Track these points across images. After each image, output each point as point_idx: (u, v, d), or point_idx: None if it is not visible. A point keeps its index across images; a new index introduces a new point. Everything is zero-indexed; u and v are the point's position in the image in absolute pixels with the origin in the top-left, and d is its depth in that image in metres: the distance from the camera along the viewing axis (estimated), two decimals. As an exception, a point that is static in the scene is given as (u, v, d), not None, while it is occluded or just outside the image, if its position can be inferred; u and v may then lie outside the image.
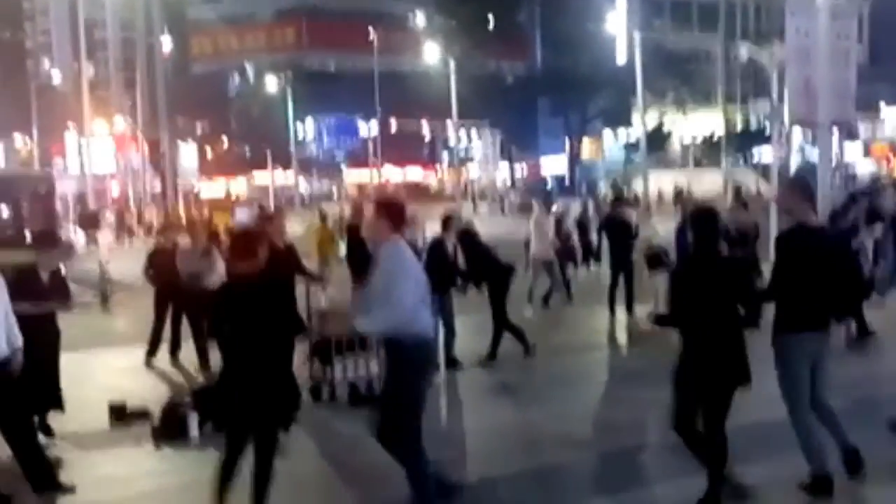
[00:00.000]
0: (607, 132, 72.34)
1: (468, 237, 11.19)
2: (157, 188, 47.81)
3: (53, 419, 7.89)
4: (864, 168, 58.61)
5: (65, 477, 6.64)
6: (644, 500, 6.03)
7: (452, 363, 10.51)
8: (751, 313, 5.74)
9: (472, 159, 67.50)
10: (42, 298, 7.56)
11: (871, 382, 8.89)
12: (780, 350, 5.84)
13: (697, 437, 5.66)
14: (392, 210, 5.74)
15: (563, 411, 8.51)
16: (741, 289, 5.74)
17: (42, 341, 7.40)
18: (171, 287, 10.88)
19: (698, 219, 5.83)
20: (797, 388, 5.83)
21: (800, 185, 6.38)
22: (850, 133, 31.41)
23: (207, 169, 64.57)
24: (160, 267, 11.12)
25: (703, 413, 5.62)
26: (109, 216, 39.34)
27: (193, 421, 7.78)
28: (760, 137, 60.67)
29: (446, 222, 10.94)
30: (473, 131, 65.65)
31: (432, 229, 11.77)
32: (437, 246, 10.71)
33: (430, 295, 10.25)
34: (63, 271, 8.20)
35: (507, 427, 8.10)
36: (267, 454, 5.38)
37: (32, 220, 18.82)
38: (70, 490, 6.51)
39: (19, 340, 6.60)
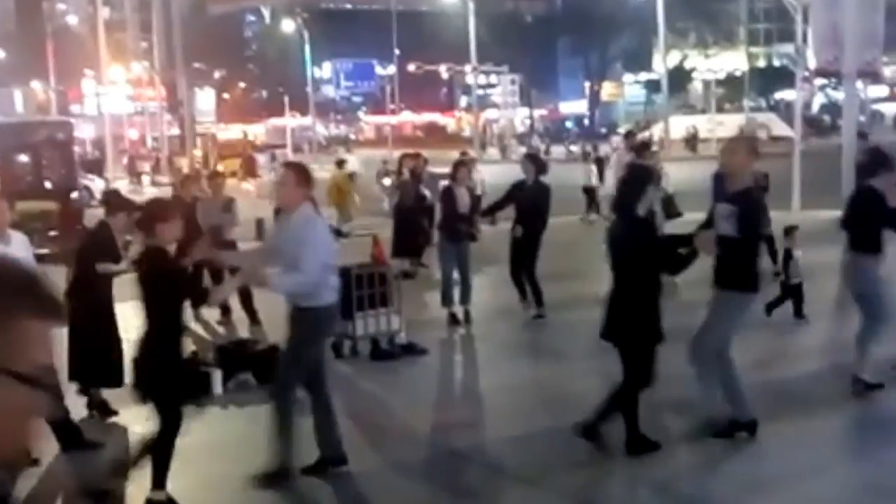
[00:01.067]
0: (628, 76, 71.53)
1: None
2: (174, 133, 47.73)
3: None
4: (890, 110, 57.71)
5: (90, 435, 6.70)
6: (665, 458, 6.02)
7: (466, 317, 10.44)
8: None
9: (492, 105, 66.92)
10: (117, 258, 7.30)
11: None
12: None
13: None
14: (304, 176, 5.82)
15: (583, 368, 8.49)
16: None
17: (107, 308, 7.27)
18: (193, 241, 10.84)
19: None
20: None
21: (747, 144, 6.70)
22: (875, 77, 30.68)
23: (225, 114, 64.39)
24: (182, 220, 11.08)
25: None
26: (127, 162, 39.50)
27: (217, 378, 7.82)
28: (783, 78, 59.85)
29: (457, 169, 10.82)
30: (493, 76, 64.98)
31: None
32: (448, 193, 10.61)
33: (447, 243, 10.36)
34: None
35: (527, 384, 8.10)
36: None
37: (51, 169, 18.81)
38: (97, 447, 6.58)
39: None
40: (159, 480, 5.29)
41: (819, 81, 60.56)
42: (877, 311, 7.03)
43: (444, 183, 11.77)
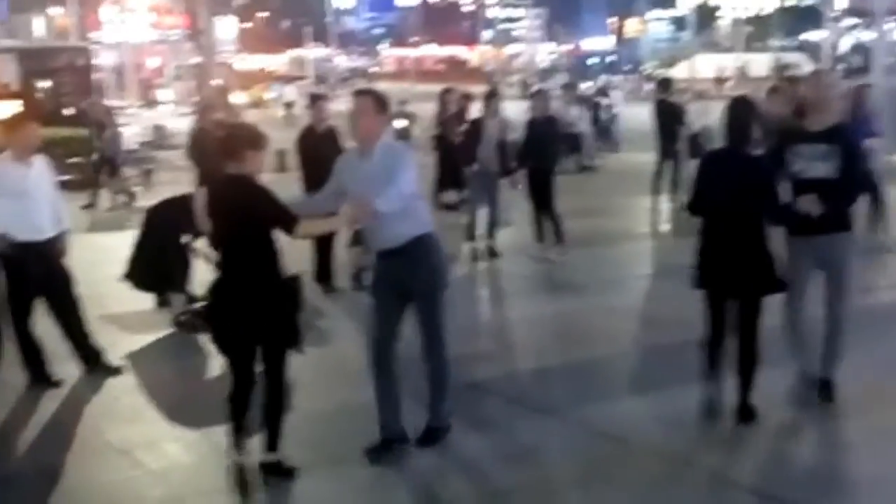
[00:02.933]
0: (652, 13, 70.38)
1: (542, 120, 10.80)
2: (194, 61, 47.39)
3: (98, 304, 7.97)
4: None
5: (111, 357, 6.75)
6: (681, 397, 5.98)
7: (490, 252, 10.44)
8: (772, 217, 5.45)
9: (515, 40, 66.09)
10: None
11: None
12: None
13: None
14: (382, 103, 5.15)
15: (603, 304, 8.48)
16: (758, 188, 5.34)
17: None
18: (213, 169, 10.79)
19: (729, 109, 5.59)
20: None
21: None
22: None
23: (246, 44, 63.92)
24: (203, 148, 11.01)
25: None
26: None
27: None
28: (811, 18, 58.76)
29: (488, 102, 10.69)
30: (517, 10, 64.03)
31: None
32: (476, 126, 10.50)
33: (476, 177, 10.26)
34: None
35: (545, 319, 8.08)
36: (277, 378, 4.81)
37: (70, 95, 18.72)
38: (117, 371, 6.63)
39: (66, 223, 6.62)
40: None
41: (847, 22, 59.49)
42: None
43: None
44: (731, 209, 5.35)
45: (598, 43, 70.03)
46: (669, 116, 13.39)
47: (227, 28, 57.93)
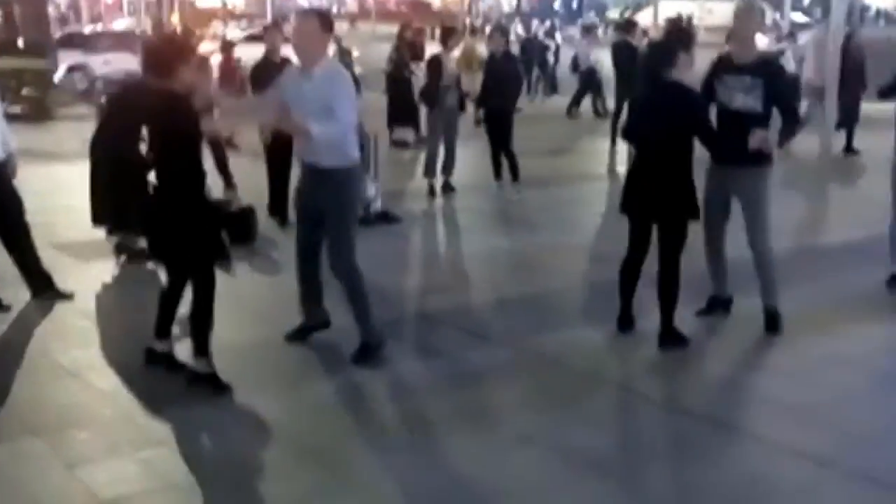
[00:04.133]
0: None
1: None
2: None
3: (50, 231, 7.90)
4: (884, 2, 56.90)
5: (62, 284, 6.71)
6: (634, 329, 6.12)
7: (448, 187, 10.50)
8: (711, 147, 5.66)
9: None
10: None
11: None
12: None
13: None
14: (327, 21, 5.26)
15: (557, 241, 8.57)
16: (684, 118, 5.50)
17: None
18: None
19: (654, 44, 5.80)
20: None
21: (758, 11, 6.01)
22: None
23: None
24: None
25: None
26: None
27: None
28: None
29: (446, 36, 10.64)
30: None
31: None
32: (435, 61, 10.45)
33: (433, 113, 10.24)
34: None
35: (499, 254, 8.15)
36: (199, 288, 5.04)
37: (24, 26, 18.31)
38: (68, 297, 6.61)
39: (12, 145, 6.54)
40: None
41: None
42: None
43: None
44: (656, 138, 5.52)
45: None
46: (628, 59, 13.39)
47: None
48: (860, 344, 5.87)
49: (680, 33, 5.72)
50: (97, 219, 7.65)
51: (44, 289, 6.59)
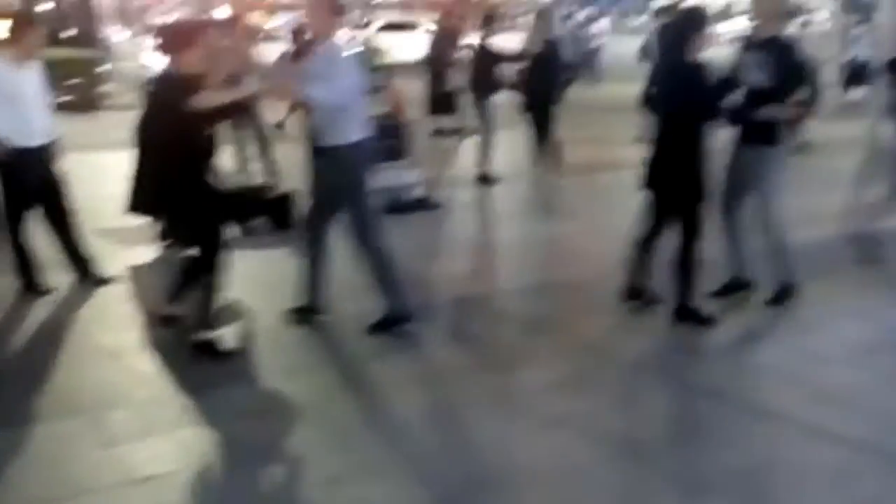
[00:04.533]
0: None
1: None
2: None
3: (93, 217, 8.03)
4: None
5: (106, 269, 6.82)
6: (657, 311, 6.08)
7: (484, 179, 10.41)
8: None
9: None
10: None
11: None
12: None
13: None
14: (335, 2, 5.44)
15: (595, 226, 8.52)
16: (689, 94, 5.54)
17: None
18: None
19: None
20: None
21: None
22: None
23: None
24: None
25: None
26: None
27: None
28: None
29: (487, 21, 10.60)
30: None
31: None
32: (483, 48, 10.39)
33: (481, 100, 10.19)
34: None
35: (537, 239, 8.13)
36: (201, 269, 5.31)
37: (72, 17, 18.63)
38: (108, 281, 6.71)
39: (57, 132, 6.63)
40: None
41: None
42: None
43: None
44: (666, 117, 5.66)
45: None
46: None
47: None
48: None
49: (692, 14, 5.79)
50: (134, 207, 7.75)
51: (86, 272, 6.71)
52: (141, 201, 7.52)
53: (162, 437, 4.38)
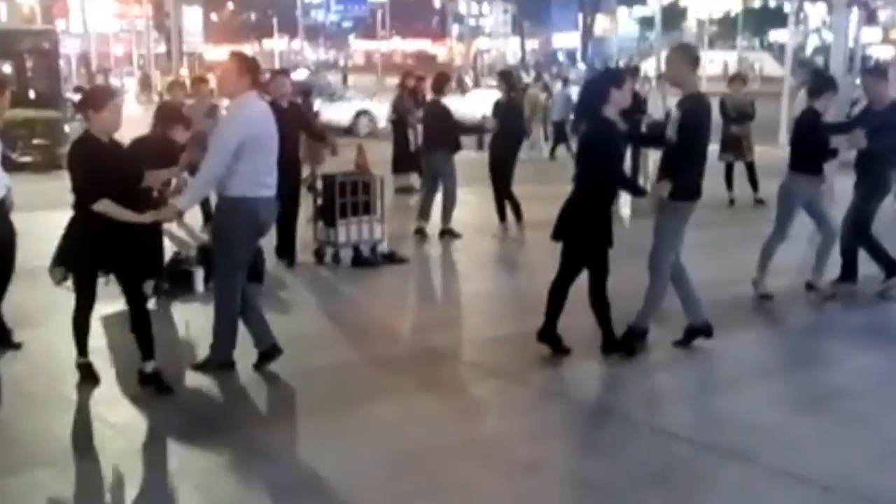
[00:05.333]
0: (622, 9, 70.86)
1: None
2: (161, 50, 47.17)
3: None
4: (883, 53, 57.49)
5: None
6: (632, 364, 6.19)
7: (449, 232, 10.50)
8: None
9: (483, 33, 66.23)
10: None
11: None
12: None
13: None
14: (246, 64, 5.75)
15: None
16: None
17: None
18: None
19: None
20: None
21: (686, 52, 6.46)
22: (869, 17, 30.47)
23: (212, 35, 63.52)
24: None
25: None
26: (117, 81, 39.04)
27: (199, 276, 7.94)
28: (778, 19, 59.37)
29: (440, 82, 10.81)
30: (485, 4, 64.18)
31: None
32: (439, 106, 10.54)
33: (445, 157, 10.32)
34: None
35: (504, 293, 8.26)
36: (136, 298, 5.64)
37: (36, 78, 18.62)
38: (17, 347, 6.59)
39: (7, 185, 6.56)
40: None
41: (814, 22, 60.16)
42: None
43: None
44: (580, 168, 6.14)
45: (567, 39, 70.39)
46: (632, 105, 13.56)
47: (192, 18, 57.53)
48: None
49: (613, 72, 6.15)
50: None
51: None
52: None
53: (134, 489, 4.37)
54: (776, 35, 62.76)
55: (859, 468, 4.59)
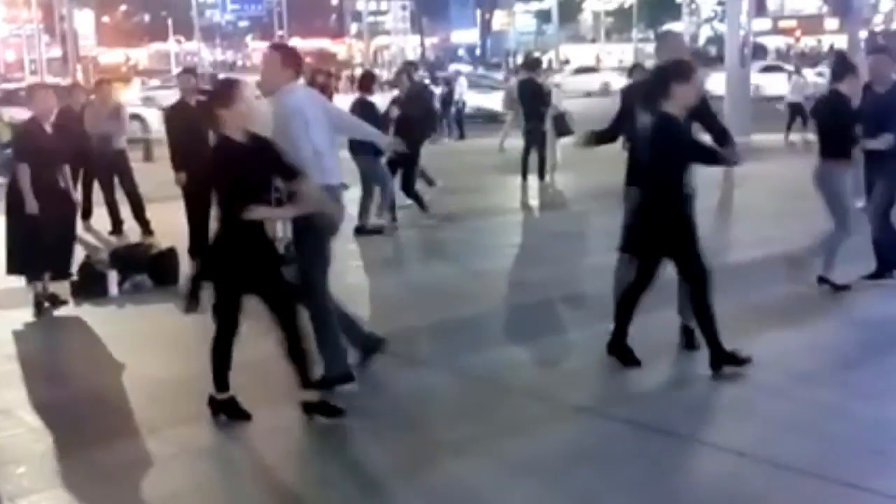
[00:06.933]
0: (519, 5, 71.66)
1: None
2: (53, 55, 45.81)
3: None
4: (772, 42, 59.40)
5: None
6: (555, 344, 6.33)
7: (364, 230, 10.49)
8: None
9: (382, 31, 66.24)
10: None
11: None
12: None
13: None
14: (291, 57, 5.41)
15: (477, 269, 8.79)
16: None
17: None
18: (81, 150, 10.61)
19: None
20: None
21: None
22: (759, 7, 31.39)
23: (105, 38, 61.98)
24: (68, 129, 10.80)
25: None
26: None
27: (113, 278, 7.83)
28: (671, 10, 60.87)
29: (366, 81, 10.80)
30: (384, 2, 64.17)
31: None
32: (367, 104, 10.51)
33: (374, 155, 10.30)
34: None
35: (421, 283, 8.33)
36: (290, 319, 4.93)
37: None
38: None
39: None
40: None
41: (705, 12, 61.84)
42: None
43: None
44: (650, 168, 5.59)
45: (466, 35, 70.86)
46: (535, 97, 13.79)
47: (84, 21, 56.04)
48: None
49: (678, 65, 5.64)
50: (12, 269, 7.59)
51: None
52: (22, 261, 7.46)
53: (63, 490, 4.31)
54: (670, 26, 64.29)
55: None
